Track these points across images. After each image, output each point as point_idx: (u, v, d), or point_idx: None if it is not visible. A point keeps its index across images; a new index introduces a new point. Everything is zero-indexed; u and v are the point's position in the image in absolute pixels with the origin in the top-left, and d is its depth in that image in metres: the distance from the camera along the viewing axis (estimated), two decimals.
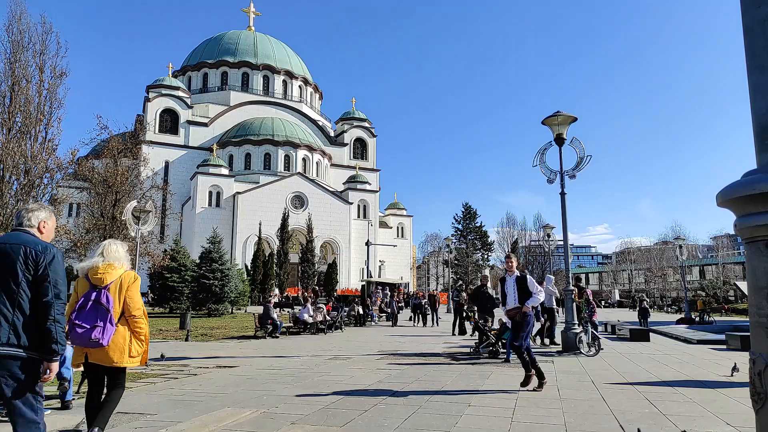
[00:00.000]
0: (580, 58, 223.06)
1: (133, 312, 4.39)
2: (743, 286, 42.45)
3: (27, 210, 3.53)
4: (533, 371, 7.47)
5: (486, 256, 76.33)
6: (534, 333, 13.92)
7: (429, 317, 24.43)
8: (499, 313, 13.30)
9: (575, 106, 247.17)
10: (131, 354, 4.37)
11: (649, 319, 27.78)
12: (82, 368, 6.62)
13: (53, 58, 23.34)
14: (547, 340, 14.42)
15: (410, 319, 25.79)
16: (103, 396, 4.45)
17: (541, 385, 7.43)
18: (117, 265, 4.49)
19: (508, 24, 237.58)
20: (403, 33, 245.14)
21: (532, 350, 7.92)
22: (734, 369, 8.80)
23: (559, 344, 13.57)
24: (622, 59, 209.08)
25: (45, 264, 3.28)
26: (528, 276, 7.95)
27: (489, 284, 15.50)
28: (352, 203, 66.73)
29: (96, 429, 4.28)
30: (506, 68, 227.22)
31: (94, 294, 4.27)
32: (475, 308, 14.42)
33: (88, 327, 4.15)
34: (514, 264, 8.07)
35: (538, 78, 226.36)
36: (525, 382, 7.42)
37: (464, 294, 20.17)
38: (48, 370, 3.27)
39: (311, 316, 19.29)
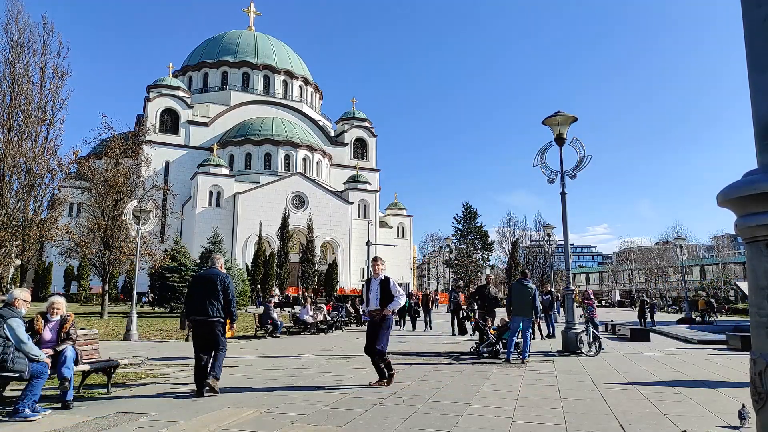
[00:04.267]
0: (580, 58, 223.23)
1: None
2: (744, 286, 42.42)
3: (215, 259, 7.65)
4: (393, 370, 7.98)
5: (486, 256, 76.39)
6: None
7: (420, 320, 22.25)
8: (501, 313, 13.34)
9: (575, 106, 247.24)
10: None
11: (653, 318, 27.67)
12: (85, 368, 6.64)
13: (54, 58, 23.26)
14: None
15: (395, 323, 23.33)
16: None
17: (383, 380, 7.82)
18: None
19: (508, 24, 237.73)
20: (404, 33, 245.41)
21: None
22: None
23: None
24: (622, 59, 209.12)
25: (227, 283, 7.32)
26: (391, 279, 8.15)
27: (491, 283, 15.31)
28: (352, 203, 66.69)
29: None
30: (507, 68, 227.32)
31: None
32: (475, 308, 14.36)
33: None
34: (380, 267, 8.25)
35: (538, 78, 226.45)
36: (389, 381, 7.80)
37: (461, 293, 19.97)
38: (233, 327, 7.74)
39: (311, 316, 19.30)
